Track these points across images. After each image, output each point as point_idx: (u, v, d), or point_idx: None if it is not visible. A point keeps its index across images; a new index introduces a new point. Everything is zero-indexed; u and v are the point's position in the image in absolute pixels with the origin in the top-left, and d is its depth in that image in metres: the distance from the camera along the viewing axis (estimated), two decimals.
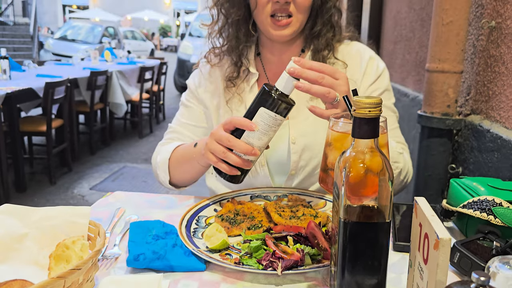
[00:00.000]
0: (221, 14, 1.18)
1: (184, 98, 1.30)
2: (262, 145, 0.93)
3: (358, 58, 1.19)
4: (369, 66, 1.18)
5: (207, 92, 1.26)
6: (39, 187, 4.09)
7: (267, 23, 1.11)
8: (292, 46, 1.20)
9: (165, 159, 1.17)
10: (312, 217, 0.98)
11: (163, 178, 1.19)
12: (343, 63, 1.18)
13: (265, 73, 1.24)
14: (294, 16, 1.10)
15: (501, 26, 1.35)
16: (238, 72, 1.21)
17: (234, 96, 1.21)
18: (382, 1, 3.44)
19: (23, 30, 14.32)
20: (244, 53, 1.21)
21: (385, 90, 1.19)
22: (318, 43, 1.16)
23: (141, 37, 19.52)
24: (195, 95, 1.28)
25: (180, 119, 1.29)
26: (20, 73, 4.77)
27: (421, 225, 0.61)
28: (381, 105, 0.62)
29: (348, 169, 0.63)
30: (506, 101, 1.29)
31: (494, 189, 0.95)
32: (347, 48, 1.21)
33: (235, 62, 1.20)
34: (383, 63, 1.22)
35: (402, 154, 1.13)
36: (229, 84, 1.21)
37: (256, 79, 1.21)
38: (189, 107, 1.28)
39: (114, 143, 5.73)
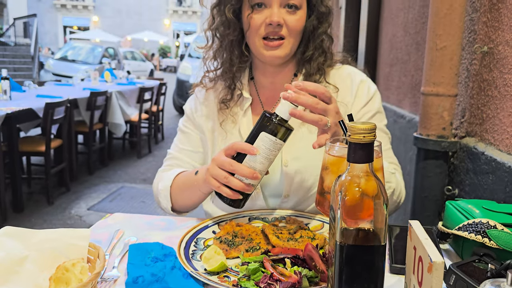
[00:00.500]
0: (216, 37, 1.21)
1: (181, 124, 1.33)
2: (263, 169, 0.96)
3: (349, 81, 1.22)
4: (360, 89, 1.21)
5: (202, 116, 1.28)
6: (36, 207, 4.08)
7: (260, 45, 1.14)
8: (284, 70, 1.23)
9: (167, 186, 1.20)
10: (309, 239, 0.99)
11: (165, 205, 1.21)
12: (334, 87, 1.20)
13: (258, 98, 1.26)
14: (286, 39, 1.13)
15: (493, 51, 1.39)
16: (231, 94, 1.23)
17: (228, 118, 1.24)
18: (378, 25, 3.51)
19: (24, 51, 14.48)
20: (238, 76, 1.24)
21: (377, 112, 1.22)
22: (310, 68, 1.19)
23: (140, 57, 19.74)
24: (191, 120, 1.30)
25: (178, 145, 1.31)
26: (20, 93, 4.81)
27: (415, 248, 0.63)
28: (375, 130, 0.64)
29: (344, 193, 0.65)
30: (499, 124, 1.31)
31: (489, 211, 0.97)
32: (338, 71, 1.24)
33: (229, 85, 1.23)
34: (374, 86, 1.24)
35: (394, 174, 1.15)
36: (222, 106, 1.24)
37: (249, 103, 1.24)
38: (186, 133, 1.31)
39: (112, 163, 5.73)
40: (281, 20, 1.10)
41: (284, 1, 1.10)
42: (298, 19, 1.13)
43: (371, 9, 3.55)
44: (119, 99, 5.71)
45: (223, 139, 1.24)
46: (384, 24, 3.33)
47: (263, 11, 1.11)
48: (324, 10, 1.17)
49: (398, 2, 2.84)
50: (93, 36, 24.60)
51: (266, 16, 1.11)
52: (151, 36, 28.36)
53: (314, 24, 1.17)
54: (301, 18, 1.13)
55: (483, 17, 1.47)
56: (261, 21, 1.11)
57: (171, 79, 10.40)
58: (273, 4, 1.10)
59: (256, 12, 1.11)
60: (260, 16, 1.11)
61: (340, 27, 5.34)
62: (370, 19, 3.56)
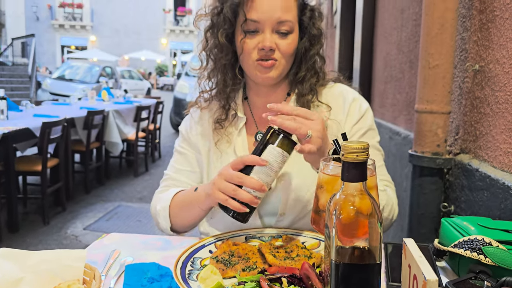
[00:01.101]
0: (210, 59, 1.23)
1: (177, 145, 1.33)
2: (270, 181, 0.99)
3: (341, 100, 1.23)
4: (352, 107, 1.22)
5: (198, 135, 1.29)
6: (32, 227, 4.04)
7: (253, 67, 1.16)
8: (277, 90, 1.25)
9: (165, 206, 1.20)
10: (306, 258, 0.99)
11: (164, 226, 1.21)
12: (326, 105, 1.22)
13: (252, 117, 1.28)
14: (278, 61, 1.15)
15: (484, 70, 1.41)
16: (226, 114, 1.25)
17: (223, 138, 1.25)
18: (372, 43, 3.57)
19: (21, 70, 14.58)
20: (232, 96, 1.26)
21: (369, 129, 1.23)
22: (302, 88, 1.21)
23: (138, 76, 19.87)
24: (187, 140, 1.31)
25: (175, 166, 1.31)
26: (17, 113, 4.82)
27: (410, 266, 0.63)
28: (368, 149, 0.65)
29: (339, 211, 0.66)
30: (492, 141, 1.33)
31: (484, 228, 0.97)
32: (331, 90, 1.25)
33: (223, 105, 1.25)
34: (366, 104, 1.25)
35: (384, 191, 1.16)
36: (217, 126, 1.25)
37: (244, 123, 1.25)
38: (182, 153, 1.31)
39: (109, 182, 5.71)
40: (273, 45, 1.12)
41: (276, 26, 1.12)
42: (290, 42, 1.15)
43: (365, 28, 3.62)
44: (116, 117, 5.72)
45: (218, 158, 1.25)
46: (378, 43, 3.38)
47: (256, 36, 1.13)
48: (316, 32, 1.19)
49: (391, 21, 2.89)
50: (90, 55, 24.80)
51: (258, 41, 1.13)
52: (148, 55, 28.61)
53: (306, 46, 1.19)
54: (293, 41, 1.15)
55: (474, 36, 1.50)
56: (254, 46, 1.13)
57: (168, 98, 10.45)
58: (265, 29, 1.12)
59: (248, 37, 1.14)
60: (252, 41, 1.13)
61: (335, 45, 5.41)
62: (364, 38, 3.62)
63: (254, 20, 1.11)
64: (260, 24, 1.12)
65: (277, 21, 1.11)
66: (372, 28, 3.56)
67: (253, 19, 1.11)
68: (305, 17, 1.18)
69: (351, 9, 4.59)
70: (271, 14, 1.11)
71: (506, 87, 1.27)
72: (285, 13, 1.12)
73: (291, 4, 1.14)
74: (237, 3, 1.12)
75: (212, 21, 1.19)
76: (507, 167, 1.23)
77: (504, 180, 1.18)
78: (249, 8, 1.11)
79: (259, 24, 1.12)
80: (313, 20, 1.19)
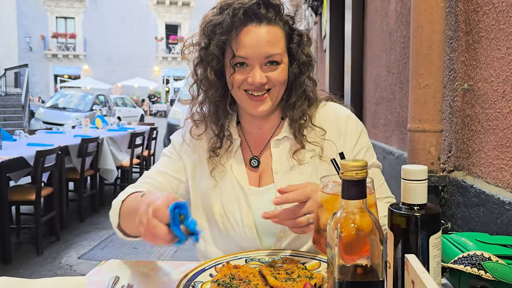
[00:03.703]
0: (202, 90, 1.22)
1: (166, 150, 1.32)
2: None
3: (334, 119, 1.23)
4: (350, 126, 1.21)
5: (189, 158, 1.28)
6: (25, 257, 3.96)
7: (244, 100, 1.16)
8: (271, 117, 1.25)
9: (119, 201, 1.14)
10: (307, 279, 0.99)
11: (113, 221, 1.16)
12: (321, 129, 1.21)
13: (246, 141, 1.27)
14: (271, 90, 1.15)
15: (473, 88, 1.46)
16: (221, 143, 1.24)
17: (218, 166, 1.24)
18: (362, 65, 3.65)
19: (14, 100, 14.59)
20: (225, 125, 1.25)
21: (368, 148, 1.23)
22: (294, 114, 1.21)
23: (131, 103, 19.96)
24: (177, 151, 1.30)
25: (157, 167, 1.29)
26: (11, 142, 4.79)
27: (413, 282, 0.63)
28: (367, 167, 0.67)
29: (340, 230, 0.67)
30: (485, 157, 1.35)
31: (482, 243, 0.98)
32: (324, 110, 1.25)
33: (218, 134, 1.24)
34: (360, 122, 1.25)
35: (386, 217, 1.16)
36: (212, 155, 1.24)
37: (239, 144, 1.25)
38: (169, 157, 1.29)
39: (103, 210, 5.64)
40: (263, 79, 1.12)
41: (265, 61, 1.12)
42: (280, 72, 1.14)
43: (354, 51, 3.70)
44: (111, 144, 5.72)
45: (214, 186, 1.23)
46: (368, 65, 3.46)
47: (245, 69, 1.13)
48: (305, 59, 1.19)
49: (380, 44, 2.97)
50: (84, 84, 24.91)
51: (248, 76, 1.13)
52: (141, 82, 28.80)
53: (296, 72, 1.19)
54: (283, 70, 1.15)
55: (461, 56, 1.55)
56: (243, 79, 1.13)
57: (161, 124, 10.48)
58: (254, 65, 1.12)
59: (238, 71, 1.13)
60: (242, 74, 1.13)
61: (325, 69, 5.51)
62: (354, 61, 3.70)
63: (242, 56, 1.11)
64: (249, 60, 1.12)
65: (265, 56, 1.11)
66: (361, 51, 3.65)
67: (241, 55, 1.11)
68: (293, 44, 1.18)
69: (340, 33, 4.71)
70: (259, 50, 1.10)
71: (495, 104, 1.30)
72: (273, 47, 1.12)
73: (278, 36, 1.13)
74: (224, 40, 1.12)
75: (200, 56, 1.18)
76: (501, 182, 1.25)
77: (499, 196, 1.20)
78: (236, 45, 1.11)
79: (248, 59, 1.12)
80: (302, 46, 1.19)
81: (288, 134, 1.22)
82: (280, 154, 1.22)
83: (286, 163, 1.20)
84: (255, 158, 1.24)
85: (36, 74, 28.70)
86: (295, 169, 1.19)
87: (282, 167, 1.20)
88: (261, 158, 1.25)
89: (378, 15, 3.02)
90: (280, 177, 1.19)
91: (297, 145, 1.19)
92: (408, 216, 0.73)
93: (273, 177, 1.20)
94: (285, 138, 1.22)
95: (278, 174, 1.20)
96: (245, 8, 1.09)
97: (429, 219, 0.73)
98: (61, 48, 30.75)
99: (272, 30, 1.12)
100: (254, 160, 1.24)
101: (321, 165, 1.19)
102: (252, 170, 1.24)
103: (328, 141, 1.21)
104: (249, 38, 1.10)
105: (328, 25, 5.31)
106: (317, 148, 1.20)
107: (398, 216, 0.74)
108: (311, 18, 8.55)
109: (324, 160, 1.19)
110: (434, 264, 0.75)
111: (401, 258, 0.73)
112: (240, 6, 1.09)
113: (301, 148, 1.19)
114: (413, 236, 0.74)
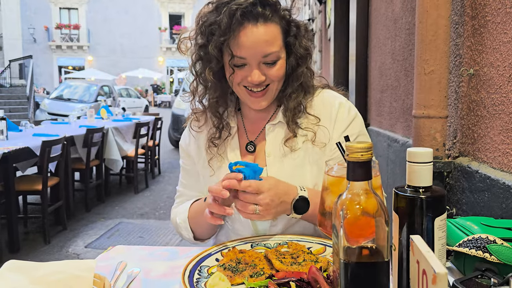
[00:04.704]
0: (201, 85, 1.24)
1: (181, 161, 1.39)
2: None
3: (328, 105, 1.24)
4: (340, 113, 1.22)
5: (195, 148, 1.33)
6: (33, 247, 4.01)
7: (244, 96, 1.20)
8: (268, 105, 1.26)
9: (184, 218, 1.27)
10: (312, 263, 1.00)
11: (187, 236, 1.28)
12: (315, 117, 1.22)
13: (244, 127, 1.31)
14: (270, 85, 1.18)
15: (479, 73, 1.44)
16: (219, 134, 1.27)
17: (216, 156, 1.27)
18: (366, 53, 3.62)
19: (19, 92, 14.65)
20: (224, 116, 1.28)
21: (359, 135, 1.23)
22: (289, 104, 1.22)
23: (135, 94, 19.97)
24: (187, 154, 1.36)
25: (182, 181, 1.38)
26: (17, 133, 4.83)
27: (418, 262, 0.64)
28: (372, 149, 0.67)
29: (345, 211, 0.67)
30: (491, 142, 1.35)
31: (487, 227, 0.98)
32: (318, 97, 1.26)
33: (217, 125, 1.27)
34: (354, 109, 1.25)
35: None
36: (210, 145, 1.27)
37: (236, 131, 1.29)
38: (185, 169, 1.37)
39: (109, 199, 5.69)
40: (261, 78, 1.14)
41: (263, 60, 1.14)
42: (278, 68, 1.16)
43: (359, 39, 3.67)
44: (116, 135, 5.74)
45: (211, 176, 1.27)
46: (372, 53, 3.43)
47: (244, 68, 1.15)
48: (302, 52, 1.19)
49: (384, 32, 2.94)
50: (88, 75, 24.93)
51: (247, 74, 1.15)
52: (145, 73, 28.79)
53: (293, 65, 1.20)
54: (281, 66, 1.17)
55: (467, 41, 1.53)
56: (243, 78, 1.16)
57: (166, 114, 10.49)
58: (252, 64, 1.14)
59: (237, 71, 1.16)
60: (241, 73, 1.15)
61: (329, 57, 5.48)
62: (359, 49, 3.67)
63: (240, 57, 1.13)
64: (247, 59, 1.13)
65: (263, 55, 1.13)
66: (366, 39, 3.62)
67: (240, 55, 1.13)
68: (290, 37, 1.18)
69: (345, 21, 4.67)
70: (256, 50, 1.12)
71: (501, 89, 1.29)
72: (270, 46, 1.12)
73: (275, 33, 1.14)
74: (222, 41, 1.12)
75: (199, 55, 1.19)
76: (506, 167, 1.25)
77: (504, 180, 1.20)
78: (234, 46, 1.12)
79: (246, 59, 1.13)
80: (299, 39, 1.19)
81: (282, 120, 1.24)
82: (274, 139, 1.24)
83: (279, 149, 1.23)
84: (252, 143, 1.27)
85: (40, 65, 28.75)
86: (287, 155, 1.22)
87: (275, 151, 1.23)
88: (256, 143, 1.27)
89: (383, 1, 2.99)
90: (273, 161, 1.22)
91: (289, 134, 1.22)
92: (413, 198, 0.73)
93: (265, 160, 1.22)
94: (280, 123, 1.25)
95: (271, 157, 1.23)
96: (242, 9, 1.09)
97: (434, 201, 0.74)
98: (65, 39, 30.73)
99: (269, 29, 1.12)
100: (250, 145, 1.27)
101: (313, 150, 1.21)
102: (248, 155, 1.27)
103: (321, 127, 1.22)
104: (247, 39, 1.11)
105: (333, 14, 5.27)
106: (309, 134, 1.21)
107: (403, 199, 0.75)
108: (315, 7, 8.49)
109: (316, 145, 1.20)
110: (439, 245, 0.75)
111: (406, 240, 0.74)
112: (236, 7, 1.08)
113: (293, 136, 1.21)
114: (418, 218, 0.74)
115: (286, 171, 1.19)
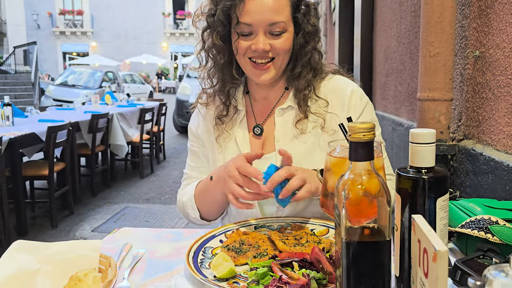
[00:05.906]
0: (210, 58, 1.25)
1: (189, 143, 1.39)
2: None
3: (339, 92, 1.24)
4: (353, 100, 1.22)
5: (204, 131, 1.33)
6: (40, 231, 4.08)
7: (249, 68, 1.19)
8: (275, 86, 1.27)
9: (190, 197, 1.27)
10: (315, 244, 1.01)
11: (193, 215, 1.28)
12: (324, 100, 1.22)
13: (252, 110, 1.30)
14: (275, 59, 1.17)
15: (484, 55, 1.43)
16: (227, 110, 1.28)
17: (223, 133, 1.28)
18: (371, 37, 3.58)
19: (24, 78, 14.66)
20: (232, 93, 1.28)
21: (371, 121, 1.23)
22: (299, 84, 1.22)
23: (140, 80, 19.94)
24: (196, 137, 1.36)
25: (190, 164, 1.38)
26: (22, 119, 4.85)
27: (419, 241, 0.64)
28: (374, 129, 0.67)
29: (348, 191, 0.67)
30: (495, 125, 1.34)
31: (490, 208, 0.98)
32: (329, 83, 1.26)
33: (224, 101, 1.28)
34: (365, 96, 1.26)
35: (389, 180, 1.17)
36: (218, 122, 1.28)
37: (244, 115, 1.29)
38: (194, 152, 1.37)
39: (115, 184, 5.74)
40: (266, 47, 1.14)
41: (269, 28, 1.13)
42: (284, 40, 1.16)
43: (364, 22, 3.63)
44: (120, 120, 5.75)
45: (219, 153, 1.28)
46: (377, 36, 3.40)
47: (250, 37, 1.15)
48: (310, 29, 1.19)
49: (390, 15, 2.91)
50: (92, 61, 24.89)
51: (252, 43, 1.15)
52: (149, 59, 28.68)
53: (301, 42, 1.20)
54: (287, 39, 1.16)
55: (473, 23, 1.51)
56: (248, 47, 1.15)
57: (170, 100, 10.49)
58: (258, 32, 1.13)
59: (242, 38, 1.16)
60: (247, 42, 1.15)
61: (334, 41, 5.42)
62: (364, 32, 3.63)
63: (246, 23, 1.13)
64: (253, 27, 1.13)
65: (269, 23, 1.12)
66: (371, 23, 3.58)
67: (246, 22, 1.12)
68: (299, 14, 1.18)
69: (350, 5, 4.61)
70: (263, 17, 1.11)
71: (507, 71, 1.28)
72: (277, 14, 1.12)
73: (283, 4, 1.14)
74: (229, 6, 1.13)
75: (208, 23, 1.20)
76: (510, 149, 1.24)
77: (509, 162, 1.20)
78: (241, 11, 1.12)
79: (252, 27, 1.13)
80: (308, 17, 1.19)
81: (292, 103, 1.24)
82: (283, 123, 1.24)
83: (289, 132, 1.22)
84: (259, 126, 1.27)
85: (45, 51, 28.71)
86: (297, 138, 1.21)
87: (285, 135, 1.23)
88: (264, 126, 1.27)
89: None
90: (282, 145, 1.21)
91: (300, 115, 1.21)
92: (415, 179, 0.74)
93: (275, 145, 1.22)
94: (290, 107, 1.24)
95: (280, 142, 1.23)
96: None
97: (436, 182, 0.74)
98: (69, 25, 30.62)
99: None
100: (257, 128, 1.27)
101: (322, 136, 1.21)
102: (256, 137, 1.27)
103: (331, 113, 1.21)
104: (254, 4, 1.11)
105: None
106: (319, 119, 1.21)
107: (406, 179, 0.75)
108: None
109: (325, 131, 1.21)
110: (441, 226, 0.75)
111: (408, 221, 0.74)
112: None
113: (304, 117, 1.21)
114: (421, 198, 0.74)
115: (296, 155, 1.19)
